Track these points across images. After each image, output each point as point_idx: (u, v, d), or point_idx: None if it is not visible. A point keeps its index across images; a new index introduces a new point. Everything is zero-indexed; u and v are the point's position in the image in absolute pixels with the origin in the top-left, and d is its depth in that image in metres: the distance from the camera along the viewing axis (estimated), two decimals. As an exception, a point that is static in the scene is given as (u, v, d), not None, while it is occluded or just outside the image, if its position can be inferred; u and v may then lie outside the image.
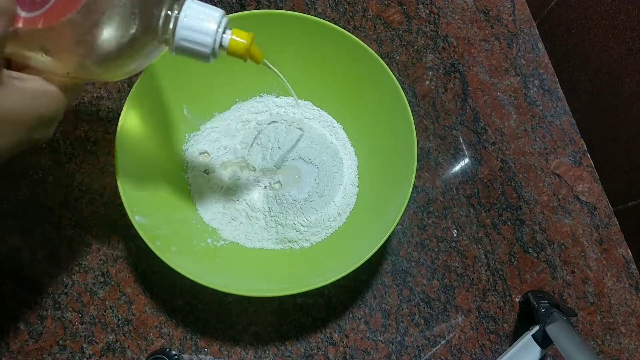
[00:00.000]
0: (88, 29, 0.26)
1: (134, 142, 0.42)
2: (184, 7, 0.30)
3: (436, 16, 0.61)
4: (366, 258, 0.40)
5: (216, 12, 0.30)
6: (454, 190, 0.55)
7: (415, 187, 0.54)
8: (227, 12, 0.59)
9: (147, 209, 0.42)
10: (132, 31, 0.27)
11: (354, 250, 0.44)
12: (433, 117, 0.58)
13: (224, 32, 0.31)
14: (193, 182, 0.48)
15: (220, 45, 0.31)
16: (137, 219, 0.39)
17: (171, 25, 0.29)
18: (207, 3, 0.31)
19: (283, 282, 0.44)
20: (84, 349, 0.46)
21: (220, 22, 0.30)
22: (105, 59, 0.27)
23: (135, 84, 0.41)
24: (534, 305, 0.48)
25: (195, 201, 0.48)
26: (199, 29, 0.30)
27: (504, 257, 0.54)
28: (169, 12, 0.29)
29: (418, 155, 0.48)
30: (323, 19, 0.45)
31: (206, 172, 0.49)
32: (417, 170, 0.45)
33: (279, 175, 0.49)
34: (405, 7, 0.61)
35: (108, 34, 0.26)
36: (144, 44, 0.29)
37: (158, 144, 0.46)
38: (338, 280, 0.40)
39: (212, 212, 0.48)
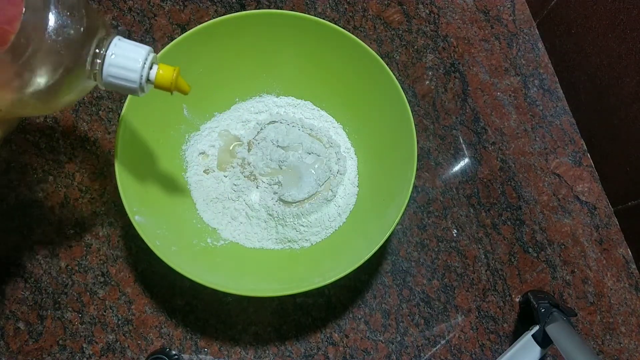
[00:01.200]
0: (16, 69, 0.27)
1: (134, 142, 0.42)
2: (111, 45, 0.31)
3: (436, 16, 0.61)
4: (366, 258, 0.40)
5: (142, 50, 0.32)
6: (454, 190, 0.55)
7: (415, 187, 0.54)
8: (227, 12, 0.59)
9: (147, 209, 0.42)
10: (60, 69, 0.29)
11: (354, 250, 0.44)
12: (433, 117, 0.58)
13: (150, 68, 0.32)
14: (193, 182, 0.48)
15: (148, 80, 0.33)
16: (137, 219, 0.39)
17: (99, 63, 0.31)
18: (137, 41, 0.32)
19: (283, 282, 0.44)
20: (84, 349, 0.46)
21: (146, 59, 0.32)
22: (35, 96, 0.29)
23: None
24: (534, 305, 0.48)
25: (195, 201, 0.48)
26: (125, 66, 0.31)
27: (504, 257, 0.54)
28: (97, 50, 0.30)
29: (418, 155, 0.48)
30: (323, 19, 0.45)
31: (206, 172, 0.49)
32: (417, 170, 0.45)
33: (279, 175, 0.49)
34: (405, 7, 0.61)
35: (36, 73, 0.28)
36: (72, 81, 0.30)
37: (158, 144, 0.46)
38: (338, 280, 0.40)
39: (212, 212, 0.48)
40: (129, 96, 0.41)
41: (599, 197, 0.58)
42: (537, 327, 0.46)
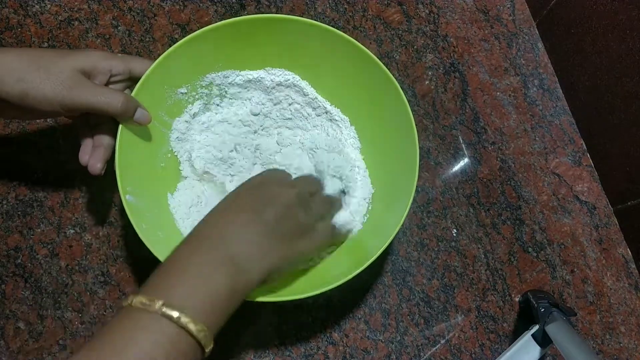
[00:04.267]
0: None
1: (137, 129, 0.42)
2: None
3: (436, 16, 0.61)
4: (366, 265, 0.40)
5: None
6: (454, 189, 0.55)
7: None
8: (227, 12, 0.59)
9: (139, 191, 0.41)
10: None
11: (355, 257, 0.43)
12: (433, 116, 0.58)
13: None
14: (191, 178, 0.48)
15: None
16: (128, 198, 0.39)
17: None
18: None
19: (285, 286, 0.43)
20: (84, 348, 0.46)
21: None
22: None
23: (138, 84, 0.41)
24: (534, 305, 0.48)
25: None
26: None
27: (503, 256, 0.54)
28: None
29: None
30: (323, 19, 0.45)
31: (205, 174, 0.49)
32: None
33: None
34: (405, 7, 0.61)
35: None
36: None
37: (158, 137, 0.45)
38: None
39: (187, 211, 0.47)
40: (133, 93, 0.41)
41: (598, 197, 0.58)
42: (536, 327, 0.46)
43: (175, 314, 0.28)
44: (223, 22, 0.43)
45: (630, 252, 0.56)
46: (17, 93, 0.36)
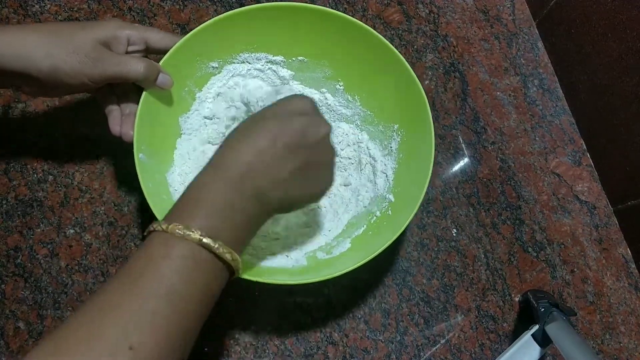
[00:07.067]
0: None
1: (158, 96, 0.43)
2: None
3: (436, 16, 0.61)
4: (369, 258, 0.40)
5: None
6: (454, 189, 0.55)
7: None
8: (227, 11, 0.59)
9: (153, 151, 0.42)
10: None
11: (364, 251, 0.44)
12: (433, 116, 0.57)
13: None
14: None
15: None
16: (140, 157, 0.40)
17: None
18: None
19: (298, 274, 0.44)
20: (84, 348, 0.46)
21: None
22: None
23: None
24: (534, 305, 0.48)
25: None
26: None
27: (503, 256, 0.54)
28: None
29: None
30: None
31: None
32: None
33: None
34: (404, 7, 0.61)
35: None
36: None
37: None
38: (338, 280, 0.40)
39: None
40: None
41: (598, 197, 0.58)
42: (536, 327, 0.46)
43: (214, 244, 0.29)
44: (264, 4, 0.44)
45: (630, 252, 0.56)
46: (47, 68, 0.36)
